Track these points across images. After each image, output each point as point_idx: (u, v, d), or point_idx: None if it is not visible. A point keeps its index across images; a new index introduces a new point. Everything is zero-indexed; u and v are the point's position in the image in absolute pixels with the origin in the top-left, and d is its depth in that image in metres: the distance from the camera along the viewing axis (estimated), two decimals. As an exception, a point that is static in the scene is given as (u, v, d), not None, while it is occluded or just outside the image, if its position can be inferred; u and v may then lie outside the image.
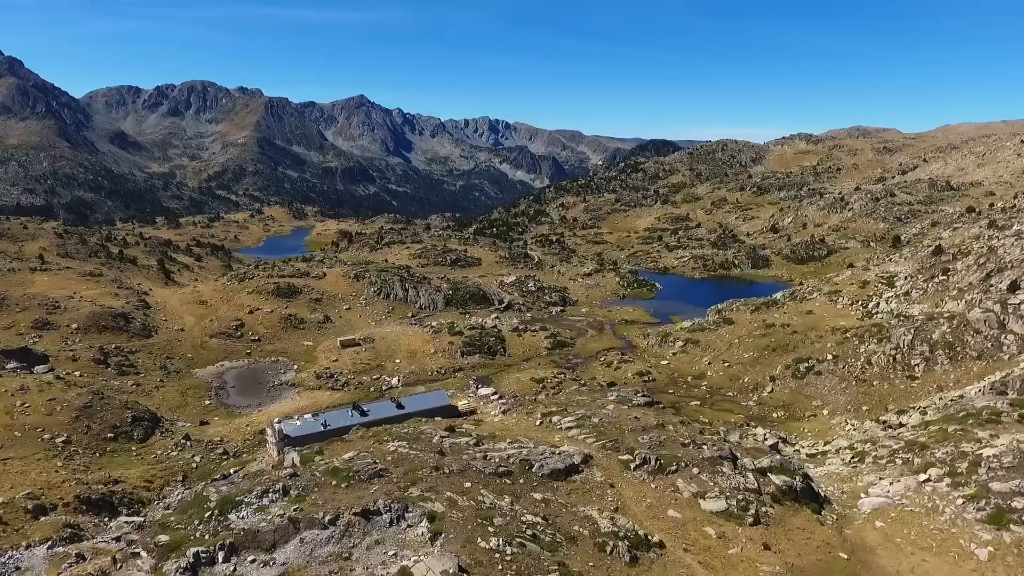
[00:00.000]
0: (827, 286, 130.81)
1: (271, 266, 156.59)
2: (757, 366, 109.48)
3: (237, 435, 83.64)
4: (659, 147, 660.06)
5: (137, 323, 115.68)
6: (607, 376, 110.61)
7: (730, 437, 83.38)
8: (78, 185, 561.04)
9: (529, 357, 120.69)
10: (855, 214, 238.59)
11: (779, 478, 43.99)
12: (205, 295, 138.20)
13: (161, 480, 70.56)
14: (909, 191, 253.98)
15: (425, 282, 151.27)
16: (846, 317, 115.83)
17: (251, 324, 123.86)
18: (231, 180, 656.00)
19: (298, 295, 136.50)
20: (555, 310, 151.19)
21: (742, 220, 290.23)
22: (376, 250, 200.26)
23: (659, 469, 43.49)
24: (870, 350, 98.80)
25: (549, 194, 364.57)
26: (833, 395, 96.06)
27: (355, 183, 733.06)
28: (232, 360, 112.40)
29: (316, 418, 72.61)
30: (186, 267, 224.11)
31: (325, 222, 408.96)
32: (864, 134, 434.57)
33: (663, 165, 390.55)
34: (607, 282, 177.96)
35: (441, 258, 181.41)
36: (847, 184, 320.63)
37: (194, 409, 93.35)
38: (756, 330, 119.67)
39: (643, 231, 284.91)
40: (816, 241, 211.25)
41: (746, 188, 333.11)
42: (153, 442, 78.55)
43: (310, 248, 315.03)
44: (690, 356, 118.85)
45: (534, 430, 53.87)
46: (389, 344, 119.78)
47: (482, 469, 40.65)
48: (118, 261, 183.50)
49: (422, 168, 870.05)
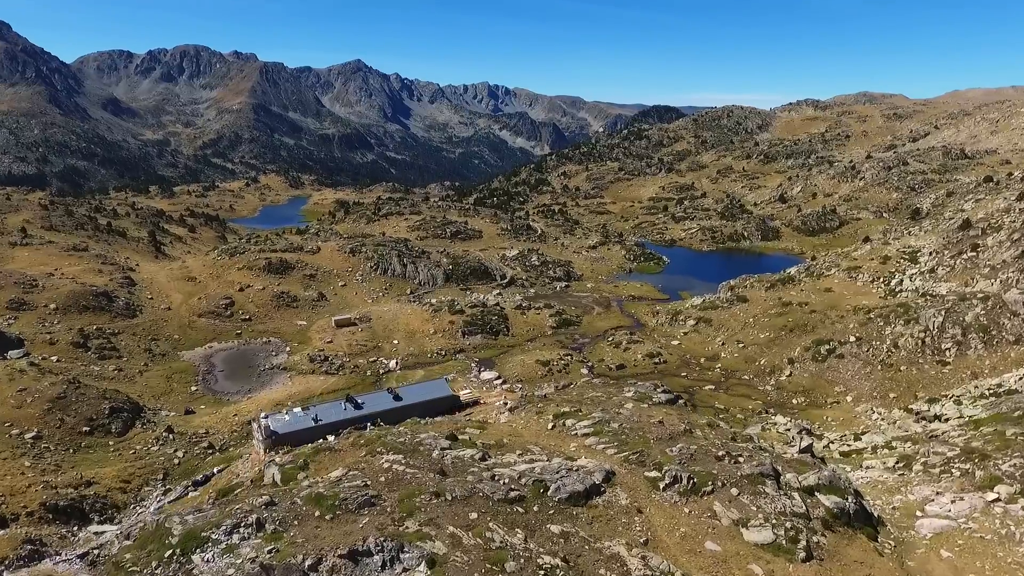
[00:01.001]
0: (845, 261, 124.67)
1: (263, 240, 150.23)
2: (774, 348, 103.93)
3: (224, 426, 78.28)
4: (662, 113, 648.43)
5: (121, 302, 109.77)
6: (616, 358, 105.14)
7: (751, 429, 78.66)
8: (71, 153, 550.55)
9: (533, 337, 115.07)
10: (867, 183, 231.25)
11: (829, 499, 38.49)
12: (194, 271, 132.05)
13: (139, 479, 65.30)
14: (922, 159, 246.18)
15: (424, 257, 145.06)
16: (868, 295, 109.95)
17: (242, 302, 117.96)
18: (227, 147, 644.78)
19: (291, 271, 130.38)
20: (559, 285, 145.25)
21: (748, 189, 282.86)
22: (373, 222, 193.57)
23: (692, 489, 37.94)
24: (896, 332, 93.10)
25: (550, 162, 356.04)
26: (857, 380, 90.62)
27: (353, 150, 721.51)
28: (221, 341, 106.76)
29: (306, 412, 67.09)
30: (178, 239, 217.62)
31: (322, 191, 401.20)
32: (871, 100, 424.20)
33: (667, 132, 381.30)
34: (612, 255, 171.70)
35: (441, 230, 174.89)
36: (856, 152, 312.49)
37: (179, 396, 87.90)
38: (772, 309, 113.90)
39: (647, 200, 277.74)
40: (827, 211, 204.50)
41: (752, 156, 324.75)
42: (133, 435, 73.17)
43: (307, 218, 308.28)
44: (702, 336, 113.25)
45: (546, 435, 48.31)
46: (387, 323, 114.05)
47: (490, 495, 35.04)
48: (106, 234, 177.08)
49: (421, 135, 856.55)
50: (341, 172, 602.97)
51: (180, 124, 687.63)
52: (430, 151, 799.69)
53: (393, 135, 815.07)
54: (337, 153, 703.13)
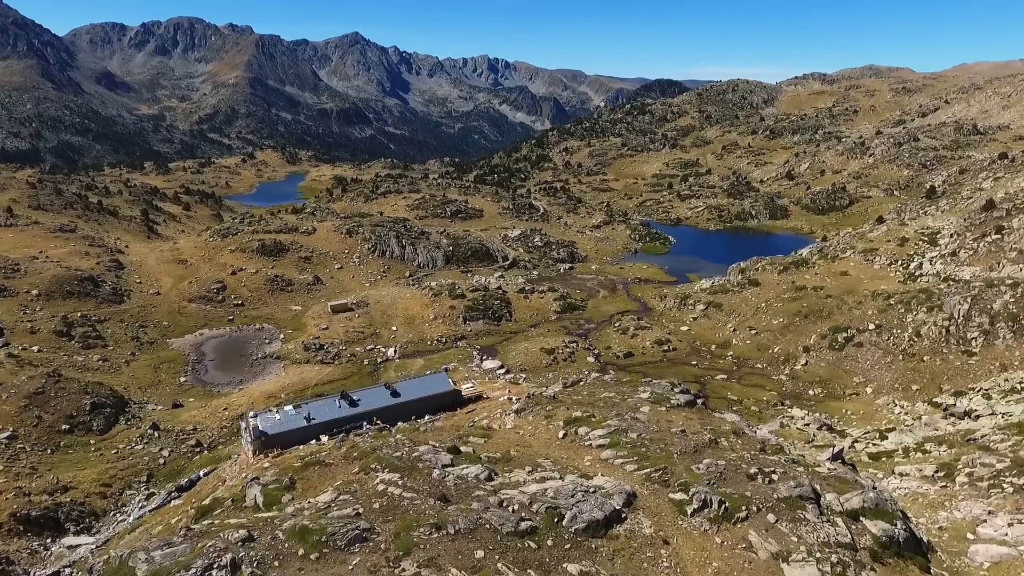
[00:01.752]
0: (861, 243, 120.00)
1: (257, 220, 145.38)
2: (788, 334, 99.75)
3: (213, 421, 74.31)
4: (664, 87, 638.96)
5: (107, 287, 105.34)
6: (623, 345, 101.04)
7: (769, 425, 74.85)
8: (64, 128, 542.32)
9: (537, 322, 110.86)
10: (877, 160, 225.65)
11: (876, 525, 34.47)
12: (185, 253, 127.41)
13: (121, 482, 61.43)
14: (933, 135, 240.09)
15: (423, 237, 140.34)
16: (886, 279, 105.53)
17: (234, 286, 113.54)
18: (223, 123, 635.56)
19: (286, 253, 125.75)
20: (563, 267, 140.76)
21: (754, 166, 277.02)
22: (371, 200, 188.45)
23: (724, 516, 33.89)
24: (919, 320, 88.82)
25: (552, 138, 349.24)
26: (877, 371, 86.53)
27: (351, 125, 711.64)
28: (212, 328, 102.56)
29: (298, 410, 62.95)
30: (172, 217, 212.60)
31: (320, 167, 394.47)
32: (877, 73, 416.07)
33: (671, 107, 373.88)
34: (617, 235, 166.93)
35: (440, 210, 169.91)
36: (864, 127, 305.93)
37: (167, 388, 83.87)
38: (785, 293, 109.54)
39: (651, 177, 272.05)
40: (837, 189, 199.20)
41: (758, 131, 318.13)
42: (116, 433, 69.23)
43: (304, 195, 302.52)
44: (712, 322, 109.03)
45: (557, 446, 44.20)
46: (384, 309, 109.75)
47: (498, 526, 30.95)
48: (96, 213, 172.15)
49: (420, 110, 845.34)
50: (339, 147, 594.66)
51: (175, 99, 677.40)
52: (429, 126, 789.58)
53: (392, 110, 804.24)
54: (335, 128, 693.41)
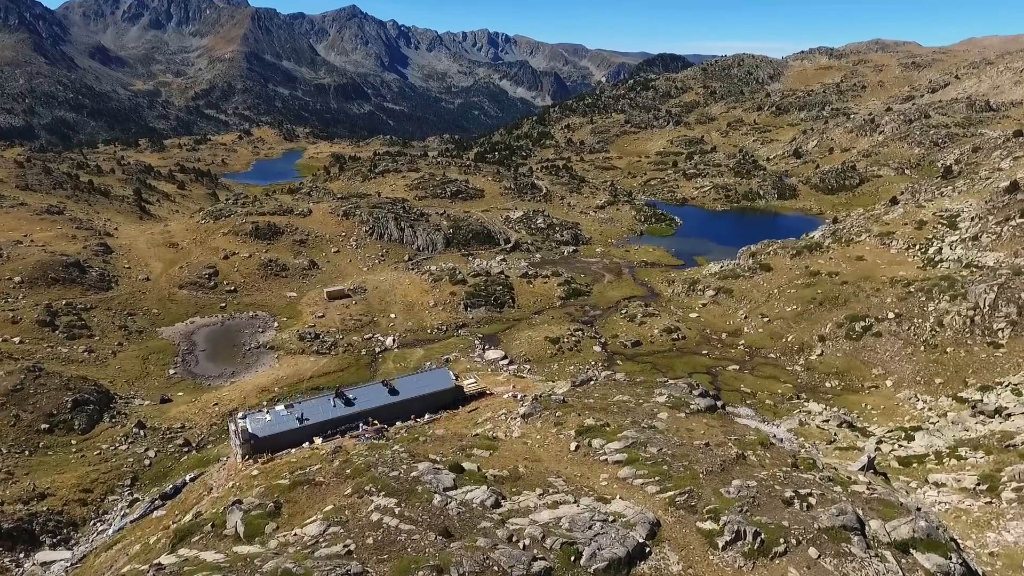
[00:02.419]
0: (877, 226, 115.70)
1: (251, 201, 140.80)
2: (802, 323, 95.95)
3: (202, 418, 70.74)
4: (667, 62, 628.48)
5: (94, 273, 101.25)
6: (631, 333, 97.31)
7: (787, 422, 71.30)
8: (58, 104, 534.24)
9: (541, 309, 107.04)
10: (887, 137, 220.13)
11: (929, 559, 30.88)
12: (176, 236, 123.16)
13: (103, 486, 58.00)
14: (945, 112, 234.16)
15: (423, 219, 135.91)
16: (904, 265, 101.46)
17: (226, 271, 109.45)
18: (219, 98, 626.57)
19: (280, 236, 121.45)
20: (567, 250, 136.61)
21: (760, 143, 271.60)
22: (369, 180, 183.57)
23: (760, 550, 30.29)
24: (941, 309, 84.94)
25: (553, 114, 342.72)
26: (897, 362, 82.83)
27: (349, 101, 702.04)
28: (204, 316, 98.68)
29: (290, 410, 59.32)
30: (166, 196, 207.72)
31: (317, 144, 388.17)
32: (884, 48, 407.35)
33: (675, 82, 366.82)
34: (622, 216, 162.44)
35: (440, 189, 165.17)
36: (873, 103, 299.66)
37: (156, 381, 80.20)
38: (798, 279, 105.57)
39: (654, 155, 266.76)
40: (847, 168, 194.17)
41: (764, 108, 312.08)
42: (99, 432, 65.66)
43: (301, 172, 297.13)
44: (722, 308, 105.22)
45: (568, 460, 40.52)
46: (383, 295, 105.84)
47: (507, 568, 27.32)
48: (87, 193, 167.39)
49: (419, 85, 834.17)
50: (337, 124, 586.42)
51: (170, 74, 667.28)
52: (428, 102, 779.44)
53: (390, 85, 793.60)
54: (333, 104, 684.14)
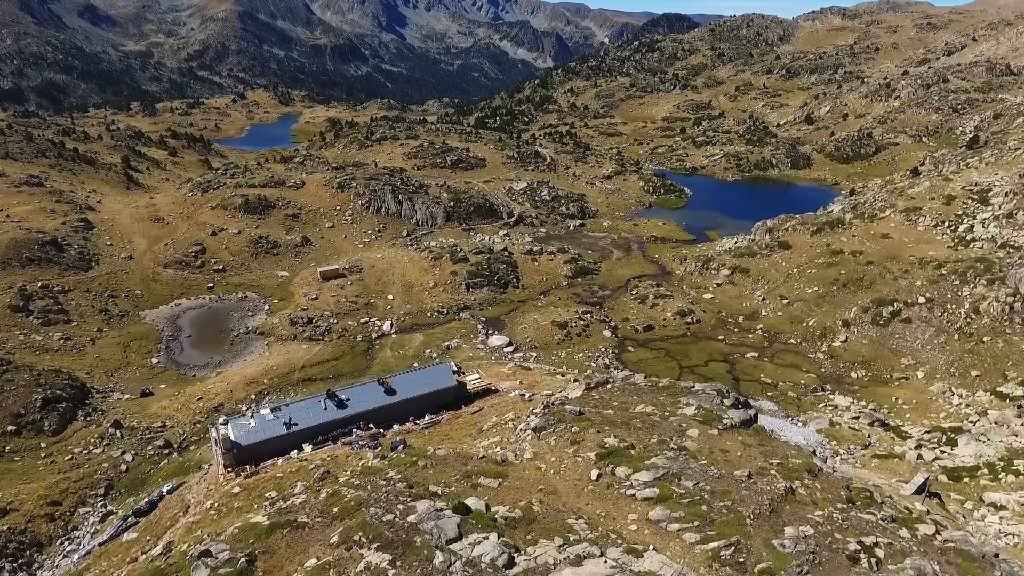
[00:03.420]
0: (902, 201, 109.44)
1: (242, 171, 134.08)
2: (824, 306, 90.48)
3: (185, 415, 65.68)
4: (672, 22, 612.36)
5: (73, 251, 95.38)
6: (642, 317, 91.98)
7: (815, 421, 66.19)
8: (48, 66, 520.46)
9: (547, 289, 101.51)
10: (903, 103, 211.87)
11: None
12: (162, 209, 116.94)
13: (74, 497, 53.09)
14: (964, 76, 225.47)
15: (422, 191, 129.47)
16: (933, 244, 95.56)
17: (214, 249, 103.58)
18: (213, 60, 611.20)
19: (271, 210, 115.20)
20: (573, 224, 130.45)
21: (770, 108, 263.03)
22: (366, 148, 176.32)
23: (827, 628, 25.14)
24: (977, 294, 79.41)
25: (556, 78, 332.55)
26: (929, 352, 77.61)
27: (346, 62, 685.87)
28: (190, 297, 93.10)
29: (277, 414, 54.18)
30: (157, 164, 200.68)
31: (314, 108, 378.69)
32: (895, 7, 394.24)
33: (681, 44, 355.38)
34: (630, 187, 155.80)
35: (440, 159, 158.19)
36: (886, 66, 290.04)
37: (137, 371, 75.01)
38: (819, 257, 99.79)
39: (661, 121, 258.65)
40: (863, 136, 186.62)
41: (774, 71, 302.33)
42: (71, 433, 60.65)
43: (297, 138, 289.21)
44: (738, 289, 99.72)
45: (590, 492, 35.39)
46: (380, 274, 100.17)
47: (526, 664, 22.15)
48: (71, 162, 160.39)
49: (417, 46, 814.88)
50: (335, 86, 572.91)
51: (162, 34, 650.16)
52: (428, 63, 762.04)
53: (388, 46, 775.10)
54: (330, 66, 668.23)
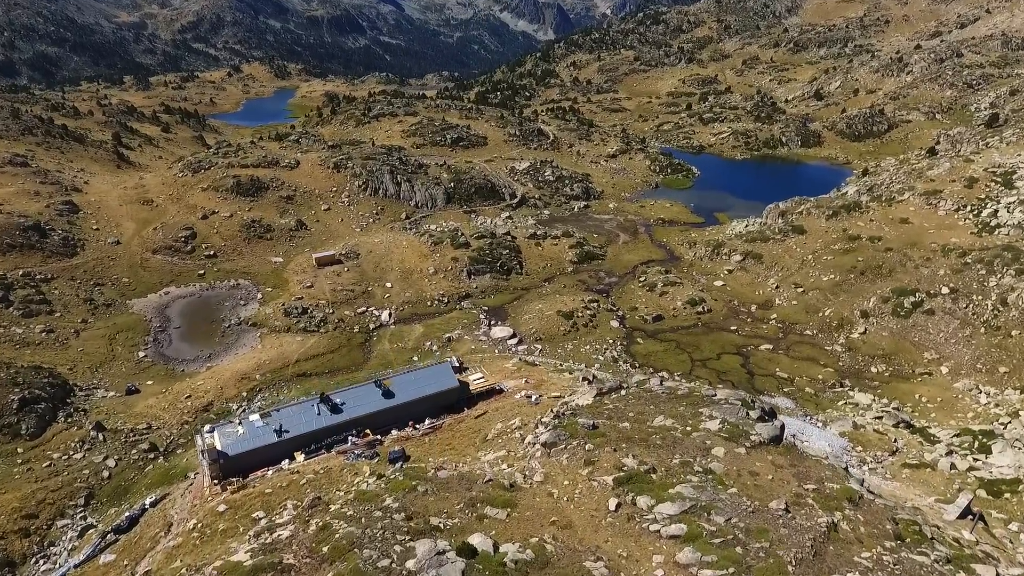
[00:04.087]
0: (921, 183, 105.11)
1: (235, 150, 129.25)
2: (841, 295, 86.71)
3: (172, 415, 62.25)
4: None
5: (57, 236, 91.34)
6: (651, 306, 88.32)
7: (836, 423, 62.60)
8: (39, 38, 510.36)
9: (551, 275, 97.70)
10: (916, 78, 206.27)
11: None
12: (151, 191, 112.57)
13: (52, 508, 49.84)
14: (978, 50, 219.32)
15: (421, 172, 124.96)
16: (955, 230, 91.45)
17: (205, 233, 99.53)
18: (208, 32, 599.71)
19: (265, 192, 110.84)
20: (577, 206, 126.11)
21: (777, 83, 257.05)
22: (363, 124, 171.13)
23: None
24: (1005, 285, 75.63)
25: (558, 51, 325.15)
26: (953, 346, 74.02)
27: (343, 34, 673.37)
28: (180, 285, 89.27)
29: (267, 420, 50.85)
30: (149, 140, 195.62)
31: (310, 82, 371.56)
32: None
33: (686, 16, 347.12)
34: (635, 166, 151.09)
35: (440, 136, 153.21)
36: (897, 39, 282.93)
37: (123, 366, 71.49)
38: (835, 243, 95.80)
39: (666, 96, 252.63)
40: (875, 113, 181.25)
41: (781, 44, 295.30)
42: (51, 436, 57.27)
43: (294, 113, 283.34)
44: (751, 276, 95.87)
45: (608, 526, 31.90)
46: (378, 260, 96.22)
47: None
48: (60, 139, 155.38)
49: (416, 17, 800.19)
50: (332, 59, 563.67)
51: (156, 4, 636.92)
52: (426, 35, 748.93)
53: (387, 17, 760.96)
54: (327, 38, 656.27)
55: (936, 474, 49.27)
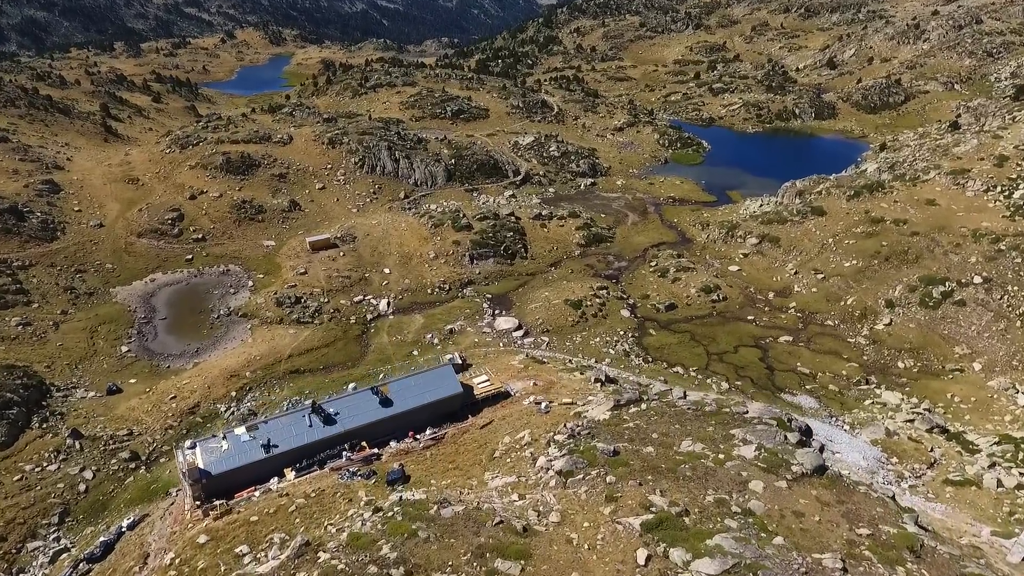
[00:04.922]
0: (947, 161, 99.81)
1: (225, 124, 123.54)
2: (864, 282, 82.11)
3: (156, 418, 58.12)
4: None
5: (36, 220, 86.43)
6: (663, 293, 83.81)
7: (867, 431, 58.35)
8: (27, 2, 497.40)
9: (558, 259, 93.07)
10: (933, 46, 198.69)
11: None
12: (137, 168, 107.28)
13: (22, 529, 45.96)
14: (998, 16, 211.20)
15: (420, 147, 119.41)
16: (986, 213, 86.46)
17: (193, 215, 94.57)
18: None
19: (256, 170, 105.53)
20: (584, 183, 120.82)
21: (787, 50, 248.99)
22: (360, 95, 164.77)
23: None
24: (1042, 275, 71.06)
25: (561, 16, 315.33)
26: (987, 340, 69.70)
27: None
28: (167, 271, 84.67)
29: (254, 433, 46.67)
30: (139, 111, 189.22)
31: (306, 48, 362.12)
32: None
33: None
34: (643, 140, 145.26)
35: (440, 108, 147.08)
36: (913, 5, 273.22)
37: (104, 362, 67.22)
38: (857, 226, 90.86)
39: (672, 64, 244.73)
40: (891, 83, 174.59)
41: (791, 9, 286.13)
42: (24, 445, 53.18)
43: (289, 81, 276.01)
44: (767, 260, 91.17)
45: (636, 585, 27.84)
46: (375, 244, 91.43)
47: None
48: (44, 112, 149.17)
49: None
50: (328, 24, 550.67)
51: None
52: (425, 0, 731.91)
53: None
54: (323, 2, 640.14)
55: (983, 493, 45.33)
